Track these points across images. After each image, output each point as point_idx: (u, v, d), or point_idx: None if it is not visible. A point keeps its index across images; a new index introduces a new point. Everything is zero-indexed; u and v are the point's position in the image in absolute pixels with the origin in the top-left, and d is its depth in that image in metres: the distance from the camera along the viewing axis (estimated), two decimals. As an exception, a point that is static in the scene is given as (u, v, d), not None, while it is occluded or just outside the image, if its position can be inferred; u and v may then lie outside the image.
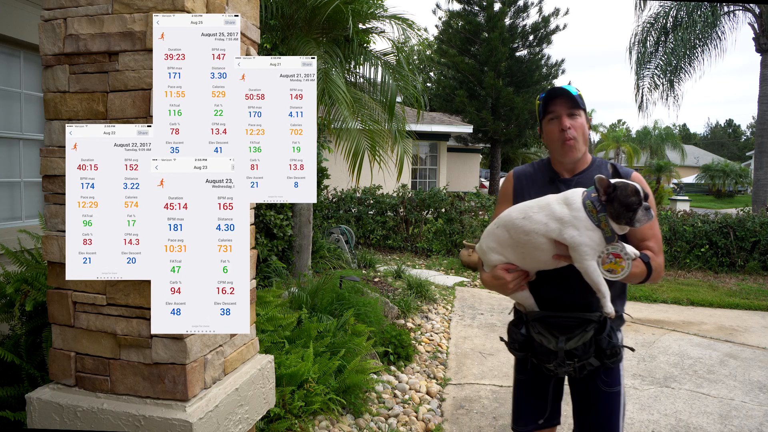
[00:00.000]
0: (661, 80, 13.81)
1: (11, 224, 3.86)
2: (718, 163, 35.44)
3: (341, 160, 4.62)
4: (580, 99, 1.89)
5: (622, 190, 1.66)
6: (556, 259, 1.77)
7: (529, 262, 1.84)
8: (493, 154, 19.47)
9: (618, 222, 1.68)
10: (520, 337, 1.93)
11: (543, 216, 1.76)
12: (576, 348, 1.80)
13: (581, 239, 1.70)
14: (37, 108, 4.01)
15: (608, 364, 1.84)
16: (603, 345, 1.80)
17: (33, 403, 1.95)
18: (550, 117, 1.90)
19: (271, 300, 3.68)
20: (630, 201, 1.64)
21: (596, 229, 1.70)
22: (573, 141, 1.86)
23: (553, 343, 1.83)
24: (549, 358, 1.86)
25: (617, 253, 1.69)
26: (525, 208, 1.82)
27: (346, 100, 3.74)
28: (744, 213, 9.44)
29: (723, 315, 6.38)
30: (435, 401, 3.75)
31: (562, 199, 1.77)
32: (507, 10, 17.69)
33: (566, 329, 1.83)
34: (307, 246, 6.57)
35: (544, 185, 1.94)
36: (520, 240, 1.80)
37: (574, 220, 1.71)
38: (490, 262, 1.91)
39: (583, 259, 1.71)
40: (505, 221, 1.84)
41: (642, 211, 1.65)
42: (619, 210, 1.66)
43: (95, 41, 1.88)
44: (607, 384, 1.92)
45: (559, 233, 1.72)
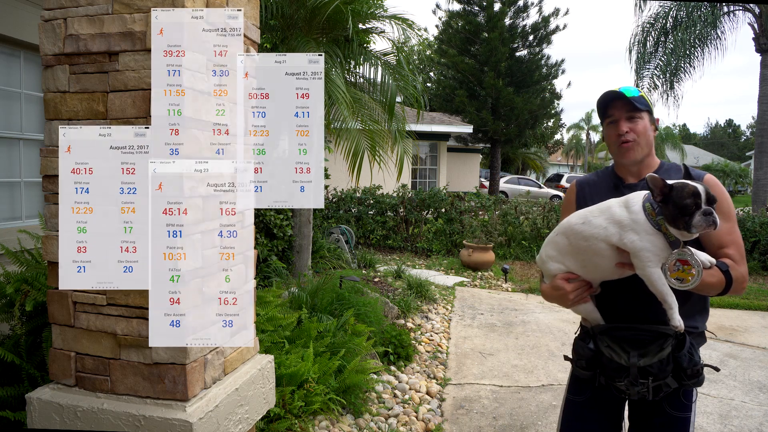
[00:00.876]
0: (660, 80, 13.82)
1: (11, 224, 3.86)
2: (718, 163, 35.44)
3: (341, 160, 4.62)
4: (641, 100, 1.75)
5: (678, 191, 1.51)
6: (619, 267, 1.64)
7: (590, 270, 1.72)
8: (493, 154, 19.47)
9: (675, 226, 1.53)
10: (588, 353, 1.74)
11: (603, 220, 1.65)
12: (651, 365, 1.61)
13: (642, 244, 1.57)
14: (37, 108, 4.01)
15: (688, 385, 1.66)
16: (683, 363, 1.62)
17: (33, 403, 1.95)
18: (609, 121, 1.81)
19: (271, 300, 3.68)
20: (685, 203, 1.48)
21: (657, 233, 1.57)
22: (630, 143, 1.75)
23: (625, 358, 1.65)
24: (620, 375, 1.66)
25: (685, 260, 1.53)
26: (585, 212, 1.73)
27: (346, 100, 3.74)
28: (744, 213, 9.45)
29: (723, 315, 6.38)
30: (435, 401, 3.75)
31: (623, 201, 1.66)
32: (507, 10, 17.69)
33: (639, 344, 1.66)
34: (307, 246, 6.57)
35: (609, 191, 1.82)
36: (579, 246, 1.70)
37: (633, 223, 1.59)
38: (549, 272, 1.80)
39: (645, 266, 1.57)
40: (565, 227, 1.76)
41: (700, 215, 1.48)
42: (675, 213, 1.51)
43: (95, 41, 1.88)
44: (675, 407, 1.72)
45: (619, 238, 1.61)
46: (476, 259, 8.56)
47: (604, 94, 1.81)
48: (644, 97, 1.77)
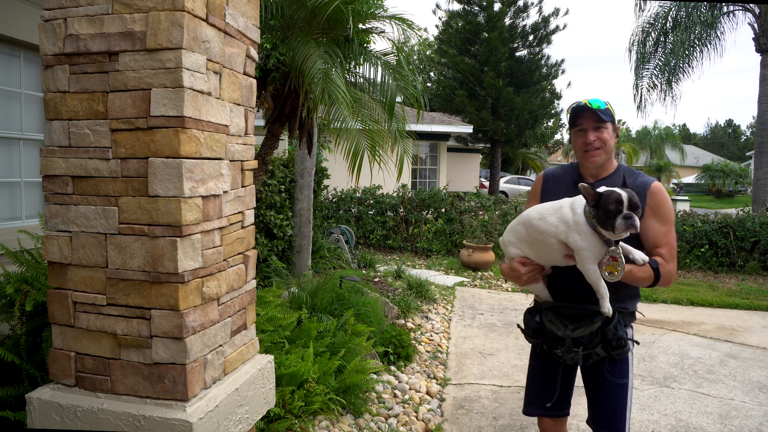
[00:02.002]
0: (659, 80, 13.81)
1: (11, 224, 3.86)
2: (718, 163, 35.41)
3: (341, 160, 4.62)
4: (607, 112, 2.00)
5: (604, 198, 1.77)
6: (566, 258, 1.93)
7: (542, 258, 2.00)
8: (493, 154, 19.47)
9: (603, 227, 1.79)
10: (534, 324, 2.10)
11: (555, 219, 1.89)
12: (582, 336, 1.94)
13: (582, 243, 1.83)
14: (37, 108, 4.01)
15: (614, 355, 1.95)
16: (609, 336, 1.92)
17: (33, 403, 1.95)
18: (577, 129, 2.04)
19: (271, 300, 3.68)
20: (609, 209, 1.75)
21: (594, 234, 1.82)
22: (597, 151, 2.00)
23: (561, 330, 1.99)
24: (557, 344, 2.01)
25: (615, 257, 1.81)
26: (542, 209, 1.97)
27: (346, 99, 3.73)
28: (744, 213, 9.44)
29: (723, 315, 6.38)
30: (435, 401, 3.75)
31: (571, 203, 1.90)
32: (507, 10, 17.69)
33: (575, 319, 1.98)
34: (307, 246, 6.57)
35: (569, 187, 2.06)
36: (535, 238, 1.96)
37: (575, 225, 1.85)
38: (509, 255, 2.09)
39: (584, 262, 1.85)
40: (525, 220, 2.00)
41: (621, 219, 1.74)
42: (602, 216, 1.78)
43: (95, 41, 1.88)
44: (614, 375, 2.03)
45: (566, 236, 1.87)
46: (476, 259, 8.55)
47: (575, 105, 2.05)
48: (609, 108, 2.02)
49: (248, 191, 2.33)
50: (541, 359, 2.19)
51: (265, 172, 4.74)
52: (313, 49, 3.75)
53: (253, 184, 2.38)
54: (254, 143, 2.38)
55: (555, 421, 2.22)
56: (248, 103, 2.30)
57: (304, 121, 4.48)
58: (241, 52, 2.22)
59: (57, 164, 1.95)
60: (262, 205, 6.08)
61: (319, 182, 7.87)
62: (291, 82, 4.25)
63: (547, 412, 2.19)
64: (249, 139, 2.31)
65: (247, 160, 2.30)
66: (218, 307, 2.09)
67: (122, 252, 1.90)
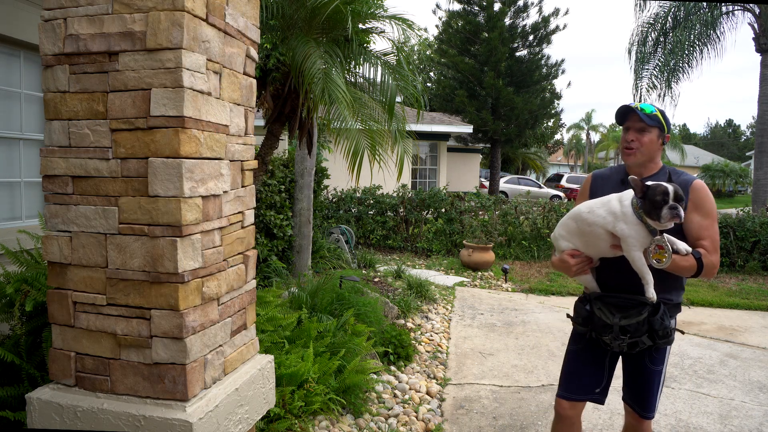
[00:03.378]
0: (659, 80, 13.80)
1: (11, 224, 3.86)
2: (718, 163, 35.40)
3: (341, 160, 4.61)
4: (654, 117, 2.12)
5: (652, 190, 1.92)
6: (613, 248, 2.07)
7: (591, 249, 2.16)
8: (493, 154, 19.47)
9: (649, 217, 1.94)
10: (584, 313, 2.21)
11: (603, 211, 2.06)
12: (629, 325, 2.06)
13: (629, 232, 1.98)
14: (37, 108, 4.01)
15: (659, 344, 2.10)
16: (656, 326, 2.04)
17: (33, 403, 1.95)
18: (624, 127, 2.20)
19: (271, 300, 3.68)
20: (656, 200, 1.90)
21: (640, 224, 1.97)
22: (631, 151, 2.15)
23: (610, 318, 2.10)
24: (605, 331, 2.12)
25: (661, 245, 1.94)
26: (591, 204, 2.14)
27: (346, 99, 3.73)
28: (744, 213, 9.43)
29: (723, 315, 6.38)
30: (435, 401, 3.75)
31: (619, 197, 2.07)
32: (507, 10, 17.69)
33: (623, 309, 2.10)
34: (307, 246, 6.57)
35: (616, 185, 2.22)
36: (584, 230, 2.13)
37: (623, 215, 2.00)
38: (559, 247, 2.25)
39: (630, 249, 2.00)
40: (575, 214, 2.17)
41: (667, 209, 1.88)
42: (649, 207, 1.92)
43: (95, 41, 1.88)
44: (653, 362, 2.19)
45: (613, 226, 2.02)
46: (476, 259, 8.55)
47: (624, 106, 2.19)
48: (658, 115, 2.13)
49: (248, 191, 2.33)
50: (584, 344, 2.30)
51: (265, 172, 4.74)
52: (313, 49, 3.75)
53: (253, 184, 2.38)
54: (254, 143, 2.38)
55: (573, 404, 2.30)
56: (248, 103, 2.30)
57: (304, 121, 4.48)
58: (241, 52, 2.22)
59: (57, 164, 1.95)
60: (262, 205, 6.08)
61: (319, 182, 7.87)
62: (291, 82, 4.25)
63: (583, 396, 2.28)
64: (249, 139, 2.31)
65: (247, 160, 2.30)
66: (218, 307, 2.09)
67: (122, 252, 1.90)
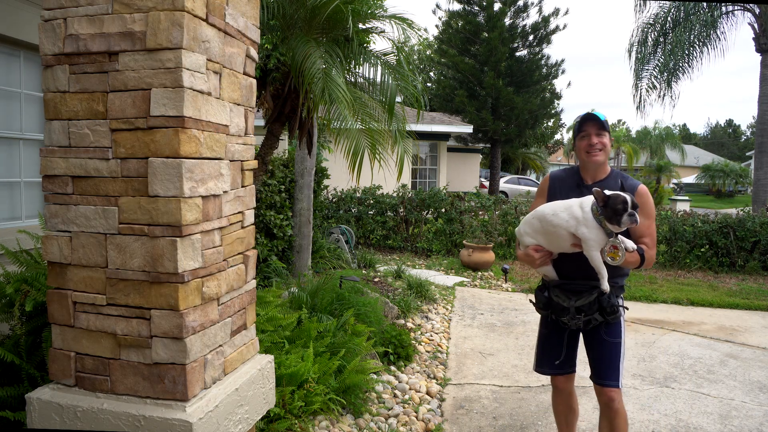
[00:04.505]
0: (659, 81, 13.80)
1: (11, 224, 3.86)
2: (718, 163, 35.38)
3: (341, 160, 4.62)
4: (606, 124, 2.48)
5: (613, 200, 2.24)
6: (573, 246, 2.39)
7: (554, 246, 2.48)
8: (493, 154, 19.47)
9: (610, 222, 2.25)
10: (543, 299, 2.58)
11: (566, 215, 2.35)
12: (583, 305, 2.42)
13: (589, 235, 2.30)
14: (37, 108, 4.01)
15: (609, 320, 2.45)
16: (604, 304, 2.40)
17: (33, 403, 1.95)
18: (582, 135, 2.50)
19: (271, 300, 3.68)
20: (617, 208, 2.22)
21: (599, 228, 2.29)
22: (597, 152, 2.46)
23: (566, 302, 2.47)
24: (563, 313, 2.49)
25: (616, 245, 2.29)
26: (554, 207, 2.43)
27: (346, 99, 3.73)
28: (744, 213, 9.43)
29: (723, 315, 6.38)
30: (435, 401, 3.75)
31: (580, 203, 2.36)
32: (507, 10, 17.69)
33: (577, 293, 2.47)
34: (307, 246, 6.57)
35: (572, 188, 2.54)
36: (548, 230, 2.43)
37: (584, 220, 2.30)
38: (524, 243, 2.56)
39: (590, 249, 2.32)
40: (540, 215, 2.46)
41: (626, 216, 2.21)
42: (610, 214, 2.24)
43: (95, 41, 1.88)
44: (609, 335, 2.50)
45: (576, 229, 2.33)
46: (476, 259, 8.55)
47: (583, 114, 2.51)
48: (607, 121, 2.49)
49: (248, 191, 2.33)
50: (550, 328, 2.65)
51: (265, 172, 4.74)
52: (313, 49, 3.75)
53: (253, 184, 2.38)
54: (254, 143, 2.38)
55: (565, 377, 2.69)
56: (248, 103, 2.30)
57: (304, 121, 4.48)
58: (241, 52, 2.22)
59: (57, 164, 1.95)
60: (262, 205, 6.08)
61: (319, 182, 7.87)
62: (291, 82, 4.25)
63: (556, 369, 2.65)
64: (249, 139, 2.31)
65: (247, 160, 2.30)
66: (218, 307, 2.09)
67: (122, 252, 1.90)
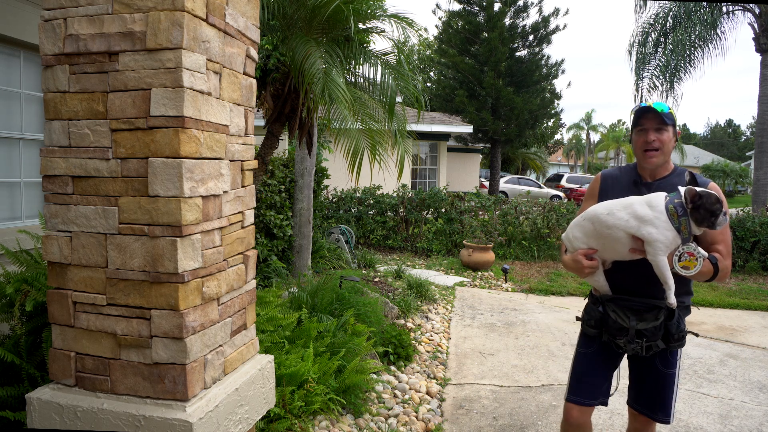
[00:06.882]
0: (660, 81, 13.79)
1: (11, 224, 3.86)
2: (718, 163, 35.39)
3: (341, 160, 4.62)
4: (669, 116, 2.12)
5: (707, 199, 1.93)
6: (631, 251, 2.05)
7: (608, 251, 2.14)
8: (493, 154, 19.47)
9: (700, 225, 1.95)
10: (597, 314, 2.20)
11: (625, 214, 2.03)
12: (646, 329, 2.07)
13: (658, 236, 1.96)
14: (37, 108, 4.01)
15: (673, 347, 2.11)
16: (672, 330, 2.07)
17: (33, 403, 1.95)
18: (639, 129, 2.17)
19: (271, 300, 3.68)
20: (714, 208, 1.92)
21: (673, 230, 1.96)
22: (653, 152, 2.13)
23: (627, 321, 2.10)
24: (621, 334, 2.12)
25: (691, 252, 1.96)
26: (610, 205, 2.11)
27: (346, 98, 3.73)
28: (744, 213, 9.43)
29: (723, 315, 6.38)
30: (435, 401, 3.75)
31: (645, 201, 2.03)
32: (507, 10, 17.70)
33: (637, 312, 2.10)
34: (307, 246, 6.57)
35: (628, 186, 2.21)
36: (602, 232, 2.10)
37: (655, 219, 1.97)
38: (573, 249, 2.22)
39: (657, 254, 1.98)
40: (592, 215, 2.14)
41: (722, 216, 1.94)
42: (704, 215, 1.93)
43: (95, 41, 1.88)
44: (665, 365, 2.17)
45: (638, 229, 2.00)
46: (476, 259, 8.55)
47: (640, 106, 2.16)
48: (672, 113, 2.12)
49: (248, 191, 2.33)
50: (594, 347, 2.26)
51: (265, 172, 4.74)
52: (313, 49, 3.75)
53: (253, 184, 2.38)
54: (254, 143, 2.38)
55: (586, 409, 2.23)
56: (248, 103, 2.30)
57: (304, 121, 4.48)
58: (241, 52, 2.22)
59: (57, 164, 1.95)
60: (262, 205, 6.09)
61: (319, 182, 7.87)
62: (291, 82, 4.25)
63: (589, 400, 2.21)
64: (249, 139, 2.31)
65: (247, 160, 2.30)
66: (218, 307, 2.09)
67: (122, 252, 1.90)
